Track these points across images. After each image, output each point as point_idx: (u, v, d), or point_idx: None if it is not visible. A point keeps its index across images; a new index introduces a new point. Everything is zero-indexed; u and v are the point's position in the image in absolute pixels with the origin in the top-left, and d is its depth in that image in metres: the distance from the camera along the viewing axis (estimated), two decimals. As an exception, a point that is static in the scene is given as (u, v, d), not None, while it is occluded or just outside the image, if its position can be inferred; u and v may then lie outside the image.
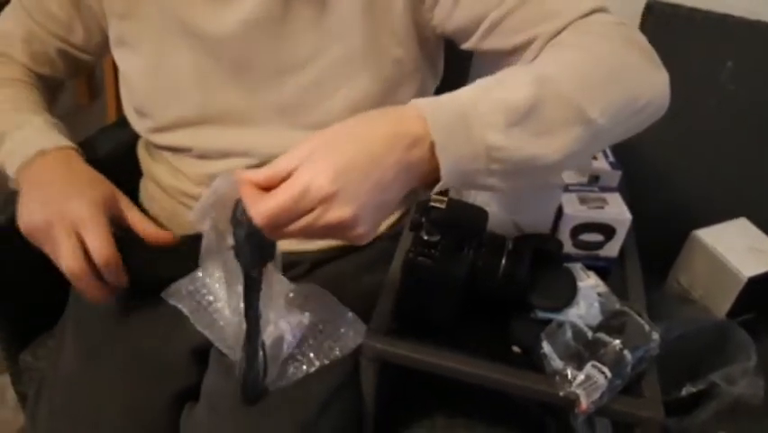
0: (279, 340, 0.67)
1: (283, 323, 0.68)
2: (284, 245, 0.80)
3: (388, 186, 0.51)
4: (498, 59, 0.75)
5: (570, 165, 0.66)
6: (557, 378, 0.67)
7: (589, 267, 0.81)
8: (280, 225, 0.49)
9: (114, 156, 0.96)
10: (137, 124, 0.85)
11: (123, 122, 0.98)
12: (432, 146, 0.52)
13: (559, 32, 0.68)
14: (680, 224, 1.07)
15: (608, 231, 0.82)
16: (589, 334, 0.70)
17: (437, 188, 0.54)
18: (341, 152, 0.50)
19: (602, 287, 0.78)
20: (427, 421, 0.88)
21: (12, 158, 0.72)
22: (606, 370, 0.65)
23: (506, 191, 0.58)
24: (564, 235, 0.82)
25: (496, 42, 0.71)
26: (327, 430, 0.68)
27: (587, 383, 0.65)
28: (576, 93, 0.57)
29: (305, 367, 0.67)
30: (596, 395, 0.65)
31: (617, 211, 0.82)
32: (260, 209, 0.49)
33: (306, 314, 0.72)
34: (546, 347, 0.69)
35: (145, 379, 0.70)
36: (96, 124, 1.05)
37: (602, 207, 0.82)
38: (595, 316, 0.74)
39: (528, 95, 0.55)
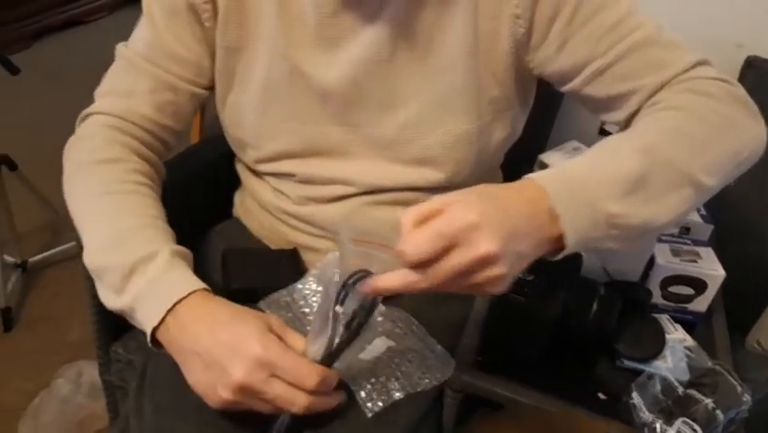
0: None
1: (377, 342, 0.71)
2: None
3: (523, 237, 0.53)
4: (594, 105, 0.76)
5: (679, 222, 0.68)
6: (645, 430, 0.67)
7: (675, 320, 0.80)
8: (425, 261, 0.51)
9: (203, 173, 1.01)
10: (241, 154, 0.87)
11: (208, 143, 1.03)
12: (555, 218, 0.54)
13: (663, 85, 0.69)
14: (762, 283, 1.05)
15: (699, 285, 0.82)
16: (680, 389, 0.70)
17: (560, 256, 0.56)
18: (485, 203, 0.53)
19: (690, 341, 0.78)
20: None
21: (144, 309, 0.64)
22: (697, 428, 0.65)
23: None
24: (654, 285, 0.82)
25: (597, 90, 0.72)
26: (413, 454, 0.69)
27: None
28: (683, 157, 0.60)
29: (396, 395, 0.69)
30: None
31: (710, 266, 0.81)
32: (414, 239, 0.51)
33: (393, 342, 0.74)
34: (636, 398, 0.69)
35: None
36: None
37: (695, 261, 0.82)
38: (683, 371, 0.73)
39: (638, 165, 0.57)
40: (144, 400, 0.70)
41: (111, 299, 0.67)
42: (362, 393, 0.69)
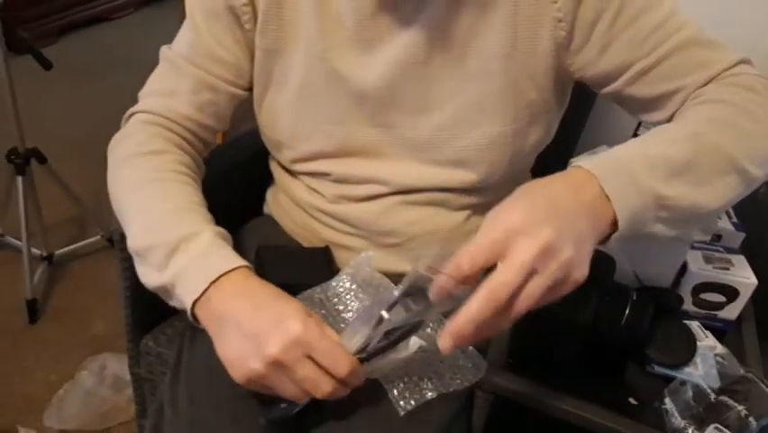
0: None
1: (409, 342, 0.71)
2: (404, 267, 0.84)
3: (584, 229, 0.55)
4: (635, 105, 0.76)
5: (723, 211, 0.70)
6: (676, 435, 0.67)
7: (705, 327, 0.80)
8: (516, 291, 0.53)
9: (234, 171, 1.02)
10: (277, 154, 0.88)
11: (239, 141, 1.04)
12: (605, 199, 0.55)
13: (706, 83, 0.70)
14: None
15: (731, 293, 0.82)
16: (712, 396, 0.70)
17: (613, 240, 0.57)
18: (544, 218, 0.53)
19: (721, 348, 0.78)
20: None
21: (185, 283, 0.65)
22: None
23: (663, 240, 0.61)
24: (685, 292, 0.82)
25: (639, 90, 0.73)
26: (443, 451, 0.70)
27: None
28: (729, 145, 0.61)
29: (429, 394, 0.70)
30: None
31: (742, 274, 0.81)
32: (467, 252, 0.53)
33: (425, 342, 0.74)
34: (669, 404, 0.69)
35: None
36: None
37: (727, 269, 0.82)
38: (714, 378, 0.73)
39: (685, 150, 0.59)
40: (179, 391, 0.72)
41: (153, 277, 0.68)
42: (395, 392, 0.69)
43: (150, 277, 0.68)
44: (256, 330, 0.59)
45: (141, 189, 0.72)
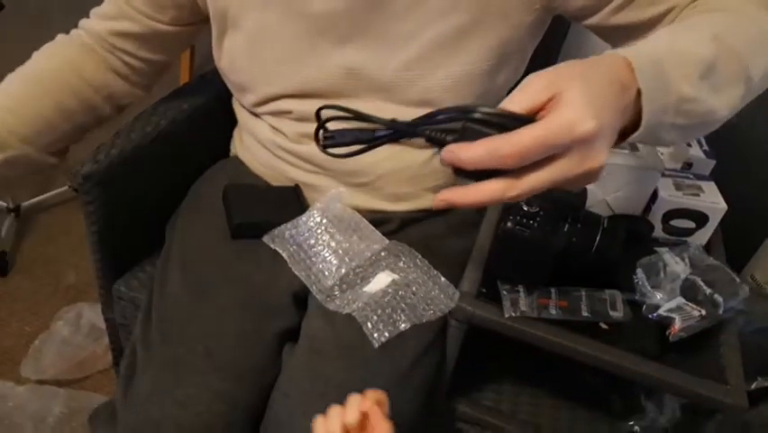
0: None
1: (382, 276, 0.71)
2: (374, 205, 0.83)
3: (617, 129, 0.48)
4: (620, 33, 0.71)
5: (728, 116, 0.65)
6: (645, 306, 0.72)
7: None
8: (526, 162, 0.44)
9: (199, 112, 0.99)
10: (239, 97, 0.86)
11: (202, 82, 1.02)
12: (638, 93, 0.49)
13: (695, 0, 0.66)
14: (760, 220, 1.06)
15: (700, 219, 0.82)
16: (683, 274, 0.73)
17: (632, 139, 0.52)
18: (592, 90, 0.46)
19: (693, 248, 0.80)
20: (495, 386, 0.91)
21: None
22: (699, 308, 0.70)
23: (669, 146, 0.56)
24: (656, 219, 0.83)
25: (628, 17, 0.69)
26: (418, 381, 0.71)
27: (681, 311, 0.70)
28: (744, 50, 0.57)
29: (402, 326, 0.70)
30: (690, 323, 0.70)
31: (712, 200, 0.82)
32: (525, 137, 0.43)
33: (397, 275, 0.74)
34: (640, 274, 0.73)
35: (252, 315, 0.73)
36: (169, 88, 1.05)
37: (697, 195, 0.82)
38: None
39: (712, 49, 0.54)
40: (151, 331, 0.71)
41: None
42: (369, 325, 0.70)
43: None
44: None
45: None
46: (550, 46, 1.08)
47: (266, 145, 0.86)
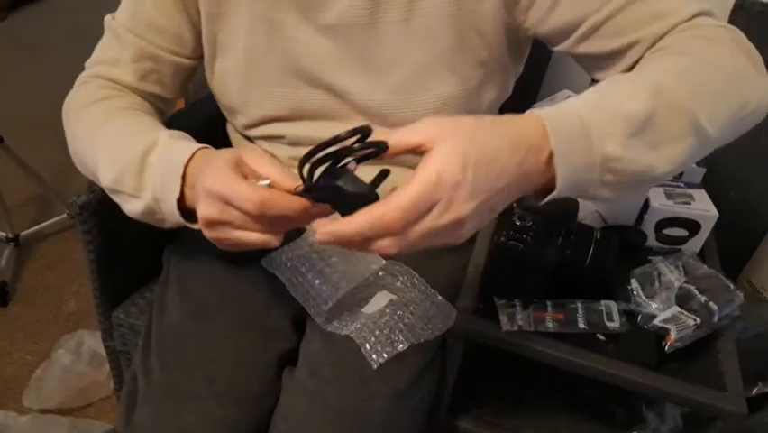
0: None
1: (379, 296, 0.72)
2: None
3: (504, 190, 0.49)
4: (590, 62, 0.73)
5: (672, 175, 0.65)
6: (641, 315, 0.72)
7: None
8: (411, 222, 0.47)
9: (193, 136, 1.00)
10: (231, 119, 0.87)
11: (196, 107, 1.03)
12: (550, 155, 0.50)
13: (662, 36, 0.66)
14: (754, 225, 1.06)
15: (693, 227, 0.83)
16: (677, 283, 0.74)
17: (550, 198, 0.53)
18: (471, 144, 0.48)
19: (687, 256, 0.81)
20: (496, 402, 0.91)
21: (164, 194, 0.66)
22: (694, 317, 0.70)
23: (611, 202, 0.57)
24: (648, 228, 0.84)
25: (593, 46, 0.69)
26: (417, 400, 0.71)
27: (677, 321, 0.70)
28: (691, 103, 0.55)
29: (400, 346, 0.70)
30: (685, 332, 0.70)
31: (703, 207, 0.83)
32: (402, 198, 0.47)
33: (395, 296, 0.75)
34: (634, 284, 0.72)
35: (252, 338, 0.73)
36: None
37: (689, 203, 0.83)
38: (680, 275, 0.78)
39: (646, 104, 0.53)
40: (151, 359, 0.71)
41: (135, 204, 0.68)
42: (367, 346, 0.70)
43: (132, 205, 0.68)
44: (196, 197, 0.60)
45: (97, 132, 0.72)
46: (538, 65, 1.10)
47: None
